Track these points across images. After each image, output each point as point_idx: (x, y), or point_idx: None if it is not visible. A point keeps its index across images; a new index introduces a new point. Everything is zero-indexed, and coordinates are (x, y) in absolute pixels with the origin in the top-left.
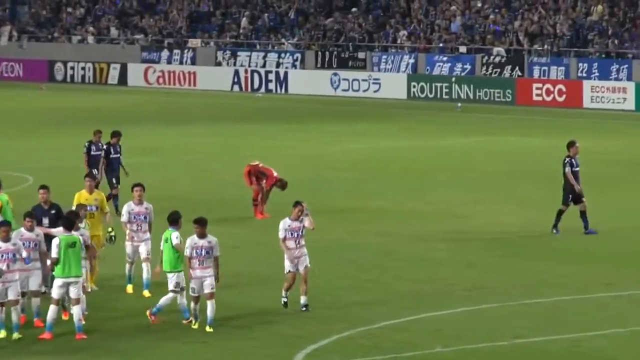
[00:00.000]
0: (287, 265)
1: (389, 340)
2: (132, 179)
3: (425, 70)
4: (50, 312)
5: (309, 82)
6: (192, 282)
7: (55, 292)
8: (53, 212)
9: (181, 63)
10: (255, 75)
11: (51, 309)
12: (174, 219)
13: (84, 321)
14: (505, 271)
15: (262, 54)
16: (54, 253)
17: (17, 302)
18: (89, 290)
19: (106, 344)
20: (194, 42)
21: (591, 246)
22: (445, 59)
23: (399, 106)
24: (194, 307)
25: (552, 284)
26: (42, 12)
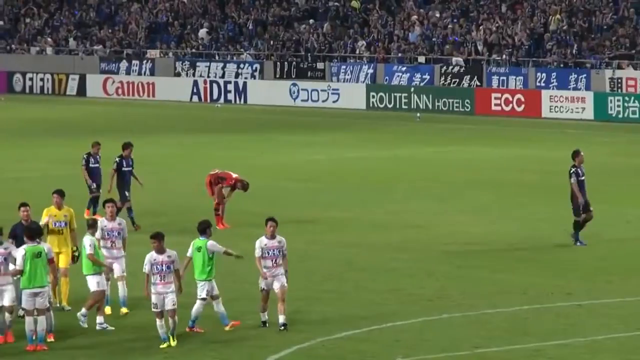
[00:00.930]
0: (262, 283)
1: (350, 350)
2: None
3: (384, 80)
4: (27, 324)
5: (268, 92)
6: (154, 298)
7: (25, 304)
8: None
9: (140, 74)
10: (215, 86)
11: (27, 320)
12: (203, 228)
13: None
14: (465, 281)
15: (221, 65)
16: (18, 264)
17: None
18: (58, 305)
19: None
20: (152, 53)
21: (551, 256)
22: (404, 69)
23: (358, 116)
24: (160, 324)
25: (512, 294)
26: (0, 23)
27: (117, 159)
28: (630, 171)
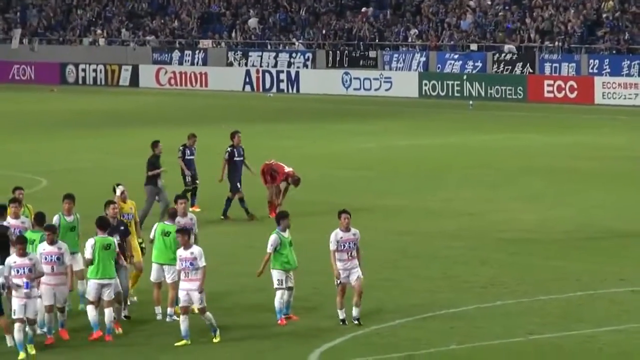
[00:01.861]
0: (338, 276)
1: (404, 338)
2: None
3: (437, 68)
4: (90, 312)
5: (321, 81)
6: (180, 293)
7: (91, 294)
8: (122, 227)
9: (192, 64)
10: (267, 75)
11: (90, 309)
12: (277, 219)
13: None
14: (519, 268)
15: (273, 54)
16: (87, 254)
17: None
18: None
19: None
20: (204, 43)
21: (604, 243)
22: (456, 56)
23: (411, 104)
24: (183, 318)
25: (566, 280)
26: (52, 14)
27: (229, 149)
28: None
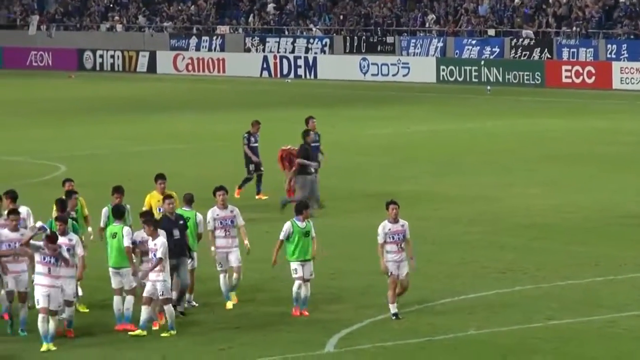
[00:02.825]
0: (388, 269)
1: (423, 323)
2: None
3: (454, 54)
4: (116, 302)
5: (338, 67)
6: (147, 284)
7: (114, 282)
8: (181, 222)
9: (210, 50)
10: (284, 61)
11: (117, 300)
12: (298, 209)
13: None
14: (537, 253)
15: (290, 40)
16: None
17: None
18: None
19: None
20: (222, 29)
21: (622, 228)
22: (474, 42)
23: (429, 90)
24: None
25: (584, 266)
26: (70, 0)
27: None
28: None
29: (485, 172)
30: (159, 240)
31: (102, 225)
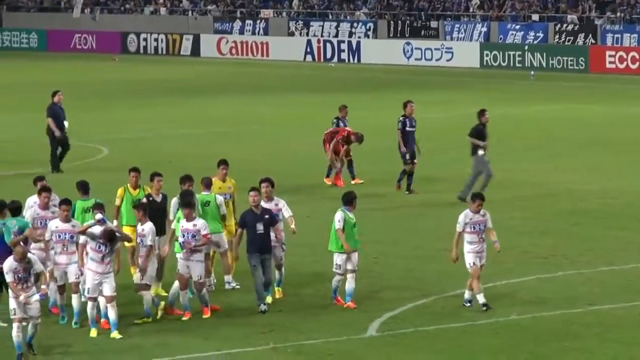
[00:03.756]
0: (470, 258)
1: (465, 308)
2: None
3: (498, 39)
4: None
5: (382, 51)
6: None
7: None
8: (266, 216)
9: (254, 33)
10: (328, 45)
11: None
12: (349, 199)
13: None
14: (580, 238)
15: (334, 24)
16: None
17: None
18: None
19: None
20: (266, 13)
21: None
22: (518, 27)
23: (472, 75)
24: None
25: (628, 251)
26: None
27: (401, 118)
28: None
29: (528, 158)
30: (147, 226)
31: (171, 217)
